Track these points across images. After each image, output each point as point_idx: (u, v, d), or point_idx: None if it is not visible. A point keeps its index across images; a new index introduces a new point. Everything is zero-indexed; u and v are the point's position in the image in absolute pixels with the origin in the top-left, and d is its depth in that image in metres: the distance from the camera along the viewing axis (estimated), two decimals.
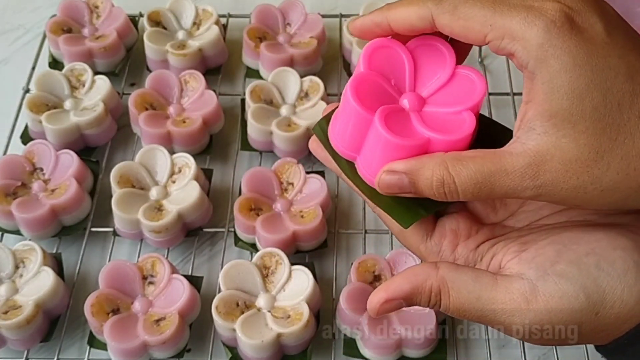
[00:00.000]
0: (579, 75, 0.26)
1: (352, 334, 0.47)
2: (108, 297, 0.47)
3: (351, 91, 0.29)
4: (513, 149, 0.28)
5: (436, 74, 0.31)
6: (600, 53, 0.26)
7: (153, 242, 0.52)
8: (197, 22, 0.63)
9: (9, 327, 0.45)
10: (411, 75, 0.31)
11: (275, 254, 0.48)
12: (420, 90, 0.31)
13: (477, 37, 0.28)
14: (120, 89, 0.62)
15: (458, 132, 0.29)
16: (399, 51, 0.31)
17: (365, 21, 0.31)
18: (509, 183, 0.27)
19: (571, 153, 0.26)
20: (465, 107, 0.30)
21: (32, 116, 0.56)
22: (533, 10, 0.27)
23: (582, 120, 0.26)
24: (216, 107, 0.57)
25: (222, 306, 0.46)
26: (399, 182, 0.29)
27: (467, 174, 0.28)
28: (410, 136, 0.29)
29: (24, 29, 0.69)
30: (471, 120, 0.29)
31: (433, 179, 0.28)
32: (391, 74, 0.31)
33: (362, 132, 0.30)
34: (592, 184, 0.27)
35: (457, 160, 0.28)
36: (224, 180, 0.58)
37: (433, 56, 0.31)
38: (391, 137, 0.28)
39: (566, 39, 0.26)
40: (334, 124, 0.32)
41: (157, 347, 0.45)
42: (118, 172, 0.53)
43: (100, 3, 0.64)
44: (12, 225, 0.52)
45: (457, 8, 0.28)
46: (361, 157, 0.31)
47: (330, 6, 0.69)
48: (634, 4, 0.63)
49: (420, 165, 0.29)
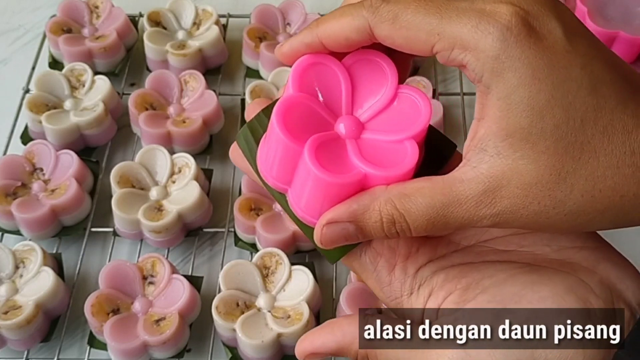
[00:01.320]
0: (539, 89, 0.23)
1: None
2: (108, 297, 0.47)
3: (277, 120, 0.25)
4: (463, 174, 0.25)
5: (376, 94, 0.27)
6: (561, 63, 0.23)
7: (153, 242, 0.52)
8: (197, 22, 0.63)
9: (9, 327, 0.45)
10: (348, 96, 0.27)
11: (275, 254, 0.48)
12: (358, 113, 0.27)
13: (423, 48, 0.25)
14: (120, 89, 0.62)
15: (398, 166, 0.26)
16: (334, 68, 0.27)
17: (293, 44, 0.27)
18: (463, 214, 0.25)
19: (530, 176, 0.24)
20: (407, 136, 0.26)
21: (32, 116, 0.56)
22: (485, 16, 0.24)
23: (542, 140, 0.23)
24: (216, 107, 0.57)
25: (222, 306, 0.46)
26: (343, 232, 0.26)
27: (417, 210, 0.25)
28: (345, 171, 0.25)
29: (24, 29, 0.69)
30: (413, 153, 0.26)
31: (382, 220, 0.25)
32: (325, 95, 0.27)
33: (292, 165, 0.26)
34: (555, 209, 0.24)
35: (404, 196, 0.25)
36: (224, 180, 0.58)
37: (373, 73, 0.28)
38: (322, 175, 0.25)
39: (524, 49, 0.23)
40: (262, 150, 0.28)
41: (157, 347, 0.45)
42: (118, 172, 0.53)
43: (100, 3, 0.64)
44: (12, 226, 0.53)
45: (397, 16, 0.25)
46: (292, 191, 0.27)
47: (330, 6, 0.69)
48: (634, 4, 0.63)
49: (365, 209, 0.26)
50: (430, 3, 0.25)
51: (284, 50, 0.28)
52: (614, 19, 0.63)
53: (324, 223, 0.26)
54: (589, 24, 0.62)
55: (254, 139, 0.29)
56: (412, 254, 0.29)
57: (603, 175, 0.24)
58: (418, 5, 0.25)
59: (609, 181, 0.24)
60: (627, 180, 0.24)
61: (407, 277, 0.29)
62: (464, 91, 0.62)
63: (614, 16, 0.63)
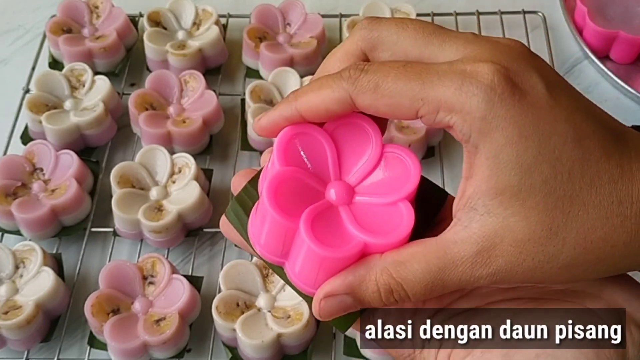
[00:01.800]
0: (527, 147, 0.23)
1: (352, 334, 0.47)
2: (108, 297, 0.47)
3: (269, 199, 0.25)
4: (456, 234, 0.25)
5: (363, 156, 0.27)
6: (546, 119, 0.24)
7: (153, 242, 0.52)
8: (197, 22, 0.63)
9: (9, 328, 0.45)
10: (334, 162, 0.27)
11: None
12: (346, 177, 0.27)
13: (407, 113, 0.25)
14: (120, 89, 0.62)
15: (396, 232, 0.26)
16: (317, 136, 0.27)
17: (271, 118, 0.27)
18: (460, 276, 0.25)
19: (522, 233, 0.24)
20: (400, 197, 0.26)
21: (32, 116, 0.56)
22: (467, 77, 0.24)
23: (531, 196, 0.24)
24: (216, 107, 0.57)
25: (222, 306, 0.46)
26: (342, 304, 0.26)
27: (414, 278, 0.25)
28: (343, 242, 0.26)
29: (24, 29, 0.69)
30: (409, 216, 0.26)
31: (380, 290, 0.25)
32: (312, 163, 0.27)
33: (287, 240, 0.26)
34: (549, 263, 0.24)
35: (400, 264, 0.25)
36: (224, 180, 0.58)
37: (356, 136, 0.28)
38: (323, 252, 0.25)
39: (509, 107, 0.23)
40: (253, 226, 0.28)
41: (157, 347, 0.45)
42: (118, 172, 0.53)
43: (100, 3, 0.65)
44: (12, 226, 0.53)
45: (378, 85, 0.25)
46: (290, 264, 0.27)
47: (330, 6, 0.69)
48: (634, 4, 0.63)
49: (361, 280, 0.26)
50: (409, 69, 0.25)
51: (262, 124, 0.28)
52: (614, 19, 0.63)
53: (321, 297, 0.26)
54: (589, 24, 0.62)
55: (244, 211, 0.29)
56: (419, 308, 0.29)
57: (593, 227, 0.24)
58: (398, 73, 0.25)
59: (599, 232, 0.24)
60: (616, 230, 0.24)
61: (417, 334, 0.28)
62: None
63: (614, 16, 0.63)
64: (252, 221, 0.28)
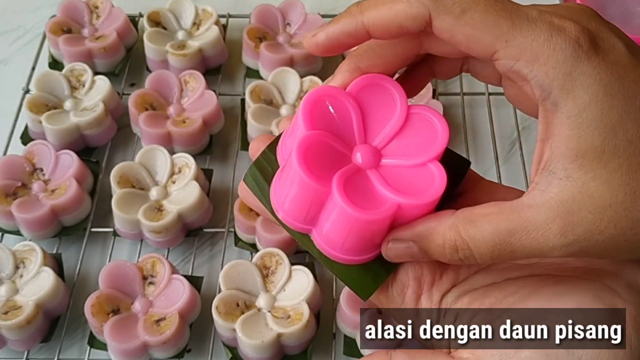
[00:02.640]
0: (612, 105, 0.22)
1: (352, 334, 0.47)
2: (108, 298, 0.47)
3: (300, 163, 0.25)
4: (532, 199, 0.23)
5: (387, 119, 0.27)
6: (630, 77, 0.23)
7: (153, 243, 0.52)
8: (197, 22, 0.63)
9: (9, 328, 0.45)
10: (359, 125, 0.27)
11: (275, 254, 0.48)
12: (372, 140, 0.27)
13: (483, 51, 0.23)
14: (120, 89, 0.62)
15: (429, 191, 0.25)
16: (342, 99, 0.27)
17: (331, 33, 0.25)
18: (530, 243, 0.23)
19: (603, 198, 0.22)
20: (429, 158, 0.26)
21: (32, 116, 0.56)
22: (556, 30, 0.23)
23: (615, 158, 0.22)
24: (216, 107, 0.57)
25: (222, 306, 0.46)
26: (408, 250, 0.26)
27: (481, 238, 0.24)
28: (377, 205, 0.25)
29: (24, 30, 0.69)
30: (441, 175, 0.25)
31: (445, 245, 0.25)
32: (337, 126, 0.26)
33: (318, 206, 0.26)
34: (633, 229, 0.23)
35: (470, 221, 0.24)
36: (224, 180, 0.58)
37: (380, 98, 0.27)
38: (358, 214, 0.24)
39: (595, 65, 0.23)
40: (277, 192, 0.27)
41: (157, 347, 0.45)
42: (118, 173, 0.53)
43: (100, 3, 0.64)
44: (12, 226, 0.53)
45: (465, 12, 0.23)
46: (318, 230, 0.27)
47: (330, 6, 0.69)
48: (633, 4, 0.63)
49: (430, 232, 0.25)
50: (500, 4, 0.23)
51: (319, 40, 0.25)
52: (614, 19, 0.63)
53: (390, 239, 0.26)
54: None
55: (262, 177, 0.28)
56: (436, 281, 0.28)
57: None
58: (488, 4, 0.23)
59: None
60: None
61: (433, 306, 0.28)
62: (463, 91, 0.62)
63: (613, 16, 0.63)
64: (275, 187, 0.27)
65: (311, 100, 0.26)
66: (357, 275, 0.28)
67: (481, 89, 0.62)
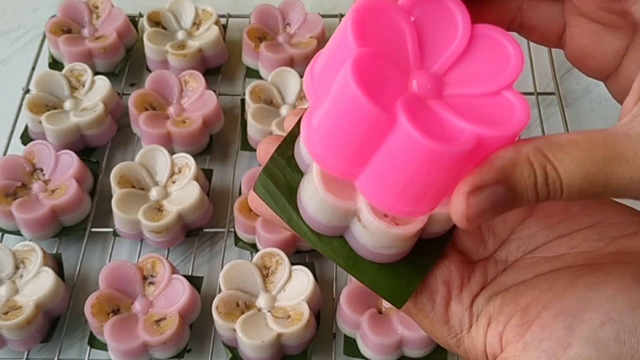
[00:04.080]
0: None
1: (352, 334, 0.47)
2: (108, 298, 0.47)
3: (357, 83, 0.20)
4: (631, 129, 0.21)
5: (448, 40, 0.23)
6: None
7: (153, 243, 0.52)
8: (197, 22, 0.63)
9: (9, 328, 0.45)
10: (415, 47, 0.22)
11: (275, 254, 0.48)
12: (431, 66, 0.22)
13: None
14: (120, 89, 0.62)
15: (513, 120, 0.21)
16: (395, 15, 0.22)
17: None
18: (630, 174, 0.20)
19: None
20: (503, 85, 0.22)
21: (32, 117, 0.56)
22: None
23: None
24: (216, 107, 0.57)
25: (223, 306, 0.46)
26: (492, 198, 0.21)
27: (572, 165, 0.20)
28: (453, 137, 0.20)
29: (24, 30, 0.69)
30: (523, 103, 0.21)
31: (536, 174, 0.21)
32: (389, 47, 0.22)
33: (373, 140, 0.21)
34: None
35: (555, 146, 0.21)
36: (224, 180, 0.58)
37: (439, 15, 0.23)
38: (434, 145, 0.20)
39: None
40: (314, 126, 0.22)
41: (157, 347, 0.45)
42: (118, 173, 0.53)
43: (100, 3, 0.64)
44: (12, 226, 0.52)
45: None
46: (368, 176, 0.22)
47: (330, 6, 0.69)
48: None
49: (513, 162, 0.21)
50: None
51: None
52: None
53: (467, 191, 0.21)
54: None
55: (274, 184, 0.26)
56: (465, 284, 0.27)
57: None
58: None
59: None
60: None
61: (464, 310, 0.26)
62: None
63: None
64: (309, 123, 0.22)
65: (361, 11, 0.22)
66: (389, 282, 0.25)
67: None
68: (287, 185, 0.26)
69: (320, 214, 0.25)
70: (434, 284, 0.26)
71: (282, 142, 0.27)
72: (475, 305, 0.26)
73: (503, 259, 0.28)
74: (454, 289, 0.26)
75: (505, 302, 0.25)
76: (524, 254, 0.27)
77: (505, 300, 0.26)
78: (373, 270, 0.25)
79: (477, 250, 0.28)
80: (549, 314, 0.24)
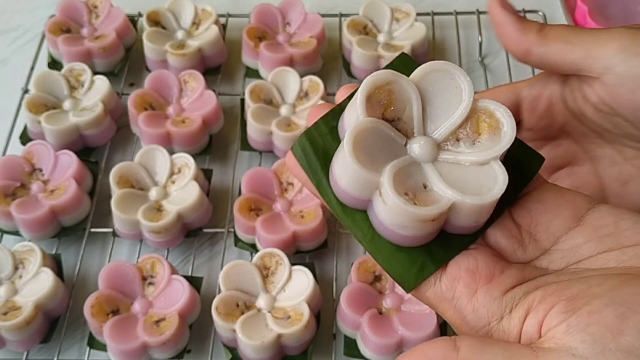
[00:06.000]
0: None
1: (352, 335, 0.47)
2: (108, 298, 0.47)
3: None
4: None
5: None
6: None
7: (153, 243, 0.52)
8: (197, 21, 0.63)
9: (9, 328, 0.45)
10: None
11: (275, 255, 0.48)
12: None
13: None
14: (120, 89, 0.62)
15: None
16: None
17: None
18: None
19: None
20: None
21: (31, 117, 0.56)
22: None
23: None
24: (216, 107, 0.57)
25: (222, 307, 0.45)
26: None
27: None
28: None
29: (23, 29, 0.69)
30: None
31: None
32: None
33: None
34: None
35: None
36: (224, 181, 0.58)
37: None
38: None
39: None
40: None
41: (157, 348, 0.45)
42: (117, 173, 0.52)
43: (99, 3, 0.64)
44: (11, 226, 0.52)
45: None
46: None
47: (329, 6, 0.69)
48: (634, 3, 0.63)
49: None
50: None
51: None
52: (615, 18, 0.63)
53: None
54: (590, 23, 0.62)
55: (312, 148, 0.27)
56: (496, 276, 0.26)
57: None
58: None
59: None
60: None
61: (494, 301, 0.25)
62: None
63: (614, 15, 0.63)
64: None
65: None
66: (402, 264, 0.26)
67: None
68: (324, 151, 0.27)
69: (344, 179, 0.26)
70: (456, 271, 0.26)
71: (330, 111, 0.28)
72: (509, 297, 0.25)
73: (544, 266, 0.27)
74: (481, 279, 0.25)
75: (548, 293, 0.24)
76: (567, 264, 0.26)
77: (547, 292, 0.24)
78: (388, 250, 0.26)
79: (514, 252, 0.27)
80: (599, 302, 0.22)
